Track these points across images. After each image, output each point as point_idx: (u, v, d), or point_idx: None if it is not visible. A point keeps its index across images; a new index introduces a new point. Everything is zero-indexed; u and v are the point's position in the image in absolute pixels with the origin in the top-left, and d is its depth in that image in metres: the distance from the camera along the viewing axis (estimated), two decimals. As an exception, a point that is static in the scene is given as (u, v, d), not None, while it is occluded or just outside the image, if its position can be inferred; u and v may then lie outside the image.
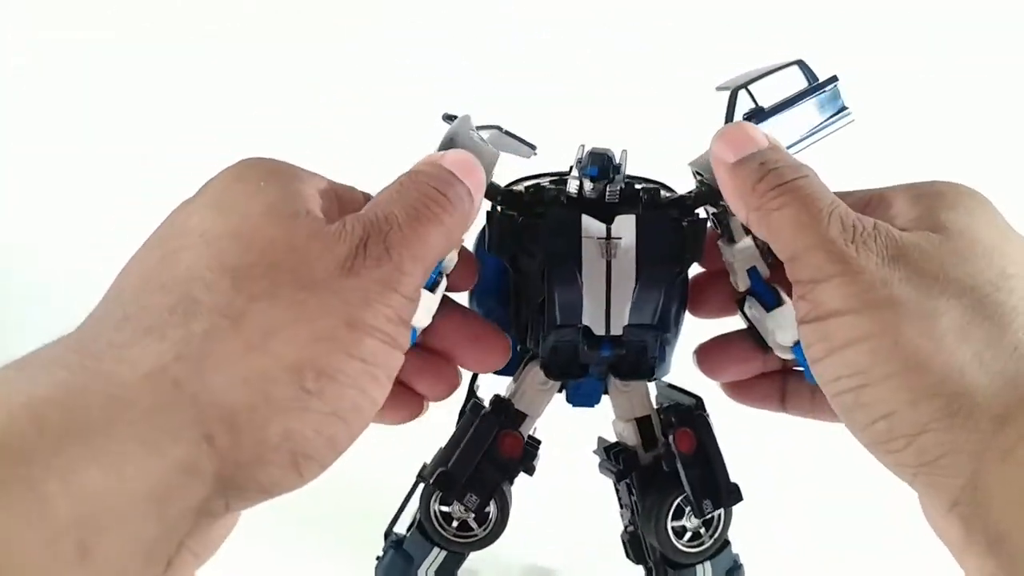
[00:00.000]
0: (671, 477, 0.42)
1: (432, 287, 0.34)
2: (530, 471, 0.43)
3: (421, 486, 0.42)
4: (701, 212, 0.40)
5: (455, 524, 0.42)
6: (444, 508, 0.42)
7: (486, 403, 0.43)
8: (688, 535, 0.42)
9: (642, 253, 0.37)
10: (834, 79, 0.41)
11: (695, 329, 0.43)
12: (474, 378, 0.44)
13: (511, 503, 0.42)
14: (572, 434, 0.47)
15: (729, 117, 0.40)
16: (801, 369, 0.36)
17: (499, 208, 0.39)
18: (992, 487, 0.29)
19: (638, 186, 0.39)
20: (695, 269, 0.42)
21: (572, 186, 0.38)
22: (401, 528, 0.44)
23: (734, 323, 0.42)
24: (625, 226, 0.37)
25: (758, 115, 0.39)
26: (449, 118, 0.38)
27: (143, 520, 0.24)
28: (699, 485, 0.41)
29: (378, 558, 0.44)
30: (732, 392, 0.43)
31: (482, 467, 0.41)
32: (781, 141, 0.39)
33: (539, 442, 0.43)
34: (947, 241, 0.32)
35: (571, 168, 0.39)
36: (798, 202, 0.32)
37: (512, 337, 0.40)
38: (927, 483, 0.31)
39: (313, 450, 0.28)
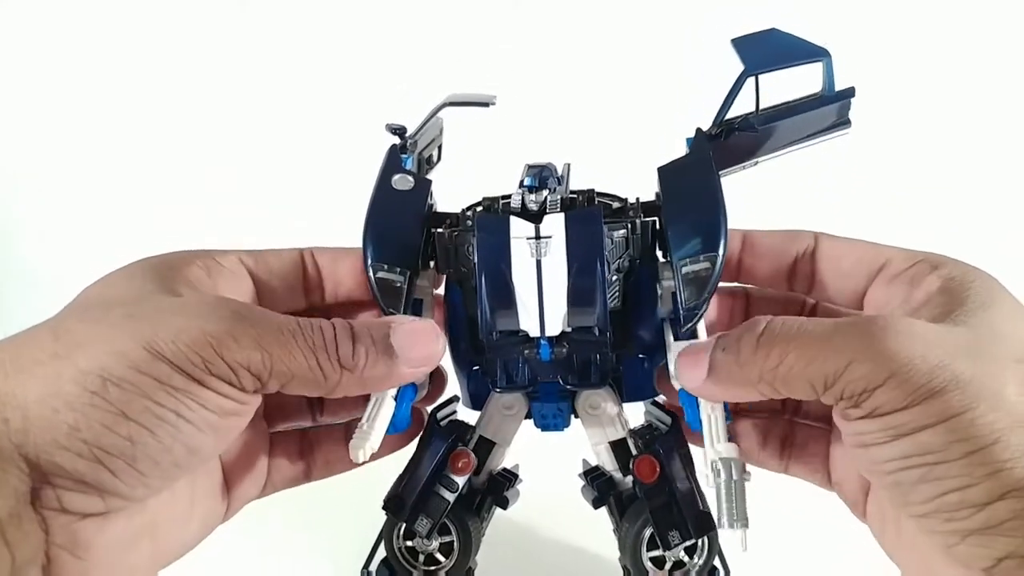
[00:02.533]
0: (645, 504, 0.39)
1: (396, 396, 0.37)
2: (503, 503, 0.42)
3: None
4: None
5: (422, 559, 0.41)
6: (408, 543, 0.41)
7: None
8: (669, 564, 0.39)
9: (572, 249, 0.36)
10: (851, 92, 0.39)
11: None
12: (439, 406, 0.43)
13: (482, 533, 0.41)
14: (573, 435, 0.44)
15: (730, 99, 0.39)
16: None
17: (441, 230, 0.39)
18: None
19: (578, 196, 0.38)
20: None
21: (514, 199, 0.38)
22: (375, 566, 0.43)
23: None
24: (554, 224, 0.36)
25: (741, 125, 0.39)
26: (393, 130, 0.40)
27: None
28: (663, 516, 0.38)
29: None
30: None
31: (432, 488, 0.40)
32: (776, 142, 0.40)
33: (515, 476, 0.42)
34: (970, 331, 0.33)
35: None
36: (796, 344, 0.33)
37: (481, 368, 0.40)
38: (980, 542, 0.31)
39: (111, 446, 0.31)
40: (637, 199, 0.39)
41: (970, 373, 0.31)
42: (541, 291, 0.36)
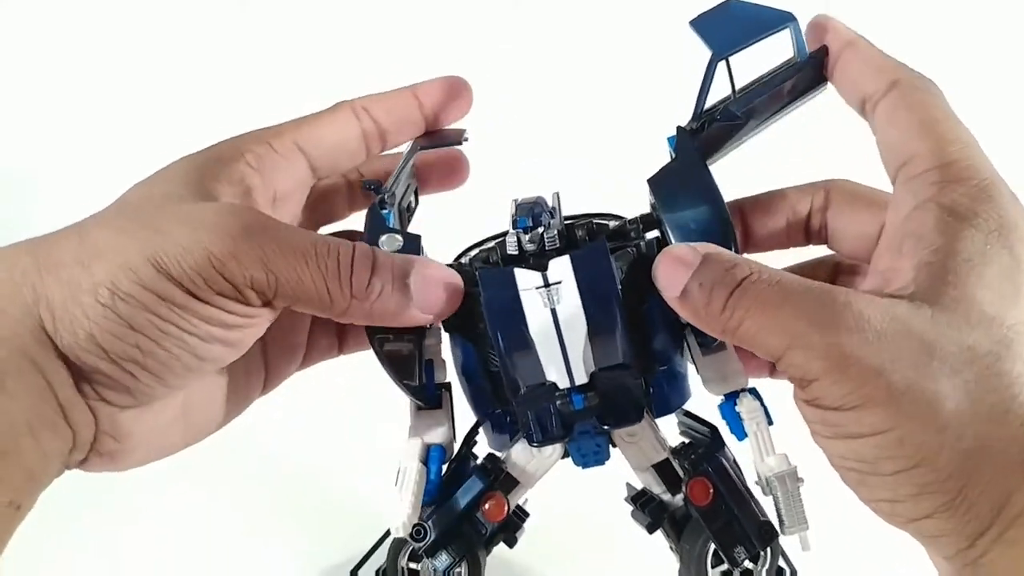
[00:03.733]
0: None
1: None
2: (510, 543, 0.40)
3: (391, 536, 0.39)
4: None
5: None
6: (413, 565, 0.40)
7: (480, 459, 0.40)
8: (737, 574, 0.38)
9: (585, 291, 0.34)
10: (824, 51, 0.37)
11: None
12: (474, 429, 0.41)
13: (484, 568, 0.39)
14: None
15: (705, 88, 0.37)
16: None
17: None
18: (988, 562, 0.31)
19: (578, 228, 0.37)
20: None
21: (510, 243, 0.37)
22: (368, 573, 0.41)
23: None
24: (561, 269, 0.35)
25: (723, 115, 0.37)
26: (369, 187, 0.39)
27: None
28: (725, 535, 0.37)
29: None
30: None
31: (460, 526, 0.38)
32: (757, 119, 0.38)
33: (527, 514, 0.41)
34: (940, 313, 0.30)
35: (509, 227, 0.37)
36: (756, 308, 0.31)
37: (502, 410, 0.38)
38: (923, 542, 0.33)
39: (123, 353, 0.33)
40: (637, 218, 0.38)
41: (908, 383, 0.29)
42: (562, 340, 0.35)
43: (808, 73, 0.38)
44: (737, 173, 0.41)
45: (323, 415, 0.70)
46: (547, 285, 0.35)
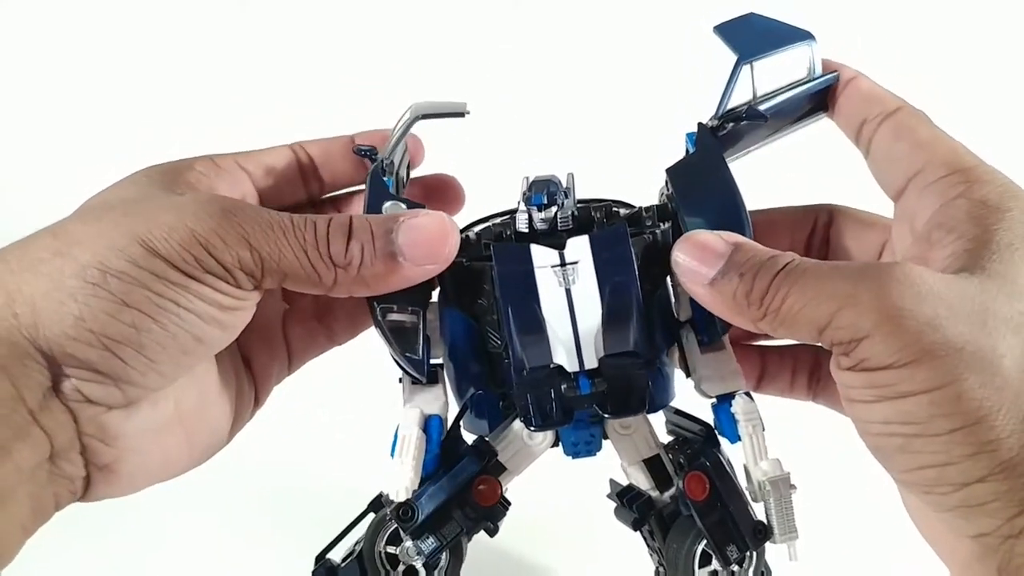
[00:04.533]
0: (692, 520, 0.37)
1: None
2: (491, 532, 0.39)
3: (371, 516, 0.38)
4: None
5: (401, 569, 0.38)
6: (391, 549, 0.38)
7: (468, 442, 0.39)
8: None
9: (603, 274, 0.34)
10: (835, 78, 0.39)
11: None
12: (463, 410, 0.40)
13: (464, 557, 0.38)
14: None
15: (729, 89, 0.38)
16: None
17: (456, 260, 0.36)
18: None
19: (593, 210, 0.37)
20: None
21: (521, 221, 0.36)
22: (336, 556, 0.39)
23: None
24: (579, 248, 0.34)
25: (749, 114, 0.37)
26: (363, 152, 0.39)
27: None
28: (719, 532, 0.36)
29: None
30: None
31: (449, 510, 0.37)
32: (764, 131, 0.39)
33: (509, 503, 0.39)
34: (988, 281, 0.30)
35: (519, 203, 0.36)
36: (801, 284, 0.31)
37: (492, 393, 0.37)
38: (961, 515, 0.30)
39: (117, 333, 0.32)
40: (653, 207, 0.38)
41: (965, 338, 0.29)
42: (575, 322, 0.34)
43: (815, 96, 0.39)
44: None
45: (325, 429, 0.69)
46: (564, 264, 0.34)
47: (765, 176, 0.44)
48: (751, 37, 0.38)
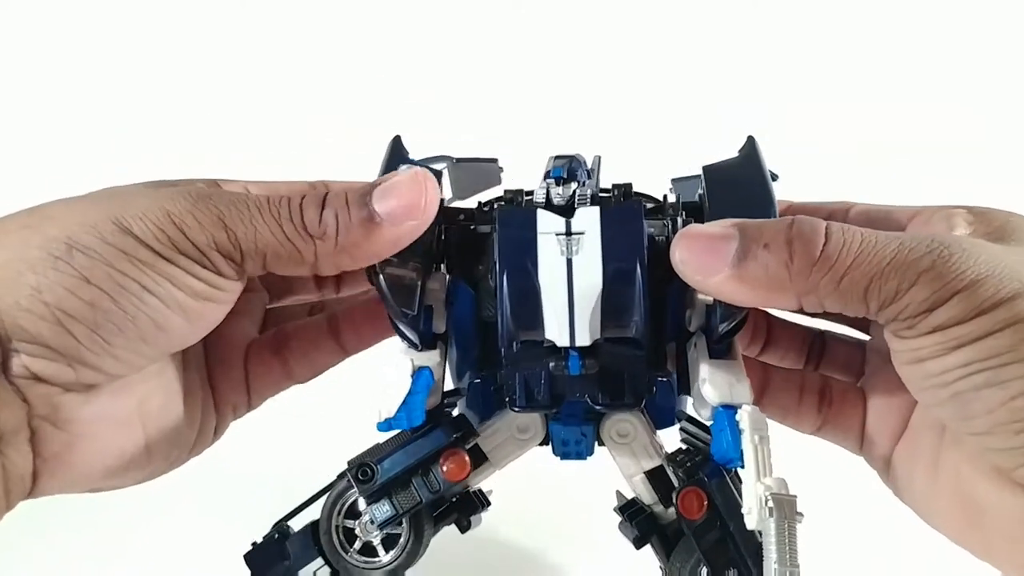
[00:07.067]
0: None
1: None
2: (463, 527, 0.37)
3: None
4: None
5: (357, 545, 0.36)
6: (349, 523, 0.36)
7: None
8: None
9: (608, 247, 0.32)
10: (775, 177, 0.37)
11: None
12: (455, 391, 0.38)
13: (427, 543, 0.36)
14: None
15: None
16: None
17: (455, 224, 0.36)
18: None
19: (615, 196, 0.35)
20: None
21: (539, 193, 0.34)
22: (296, 525, 0.38)
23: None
24: (588, 219, 0.33)
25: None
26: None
27: None
28: (717, 555, 0.33)
29: (254, 544, 0.38)
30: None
31: (411, 477, 0.35)
32: None
33: (488, 503, 0.38)
34: (1019, 244, 0.33)
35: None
36: (856, 259, 0.31)
37: (486, 375, 0.36)
38: None
39: (72, 309, 0.31)
40: (678, 197, 0.36)
41: None
42: (571, 294, 0.32)
43: None
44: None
45: (320, 431, 0.65)
46: (569, 233, 0.32)
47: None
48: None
